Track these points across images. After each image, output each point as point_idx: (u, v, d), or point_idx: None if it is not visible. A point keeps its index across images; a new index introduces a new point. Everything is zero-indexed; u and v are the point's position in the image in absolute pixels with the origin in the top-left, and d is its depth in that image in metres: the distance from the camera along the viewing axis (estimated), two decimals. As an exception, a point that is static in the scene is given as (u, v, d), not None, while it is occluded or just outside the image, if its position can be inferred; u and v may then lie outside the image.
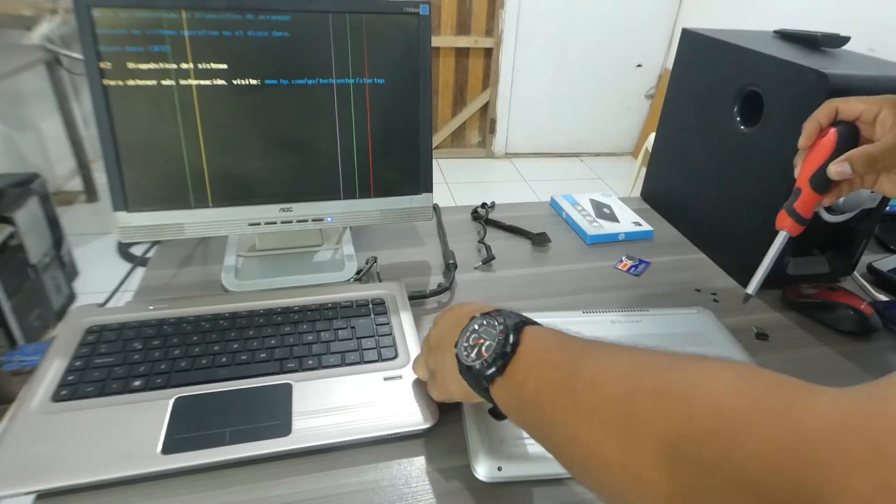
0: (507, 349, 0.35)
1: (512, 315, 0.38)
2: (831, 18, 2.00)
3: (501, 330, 0.36)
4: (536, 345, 0.35)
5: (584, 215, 0.85)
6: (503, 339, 0.36)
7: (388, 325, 0.57)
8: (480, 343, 0.37)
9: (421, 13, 0.60)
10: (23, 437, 0.44)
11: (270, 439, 0.45)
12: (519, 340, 0.36)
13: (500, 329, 0.36)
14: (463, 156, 3.16)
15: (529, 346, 0.35)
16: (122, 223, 0.59)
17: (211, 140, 0.58)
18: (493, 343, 0.36)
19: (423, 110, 0.63)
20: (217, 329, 0.55)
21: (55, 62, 2.08)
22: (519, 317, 0.38)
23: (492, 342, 0.36)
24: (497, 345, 0.36)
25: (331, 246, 0.73)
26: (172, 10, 0.54)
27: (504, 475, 0.43)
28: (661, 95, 3.01)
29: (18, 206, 1.48)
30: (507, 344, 0.35)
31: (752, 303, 0.69)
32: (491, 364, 0.35)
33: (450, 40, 2.83)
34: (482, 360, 0.36)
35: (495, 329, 0.37)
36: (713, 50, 0.76)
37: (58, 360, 0.51)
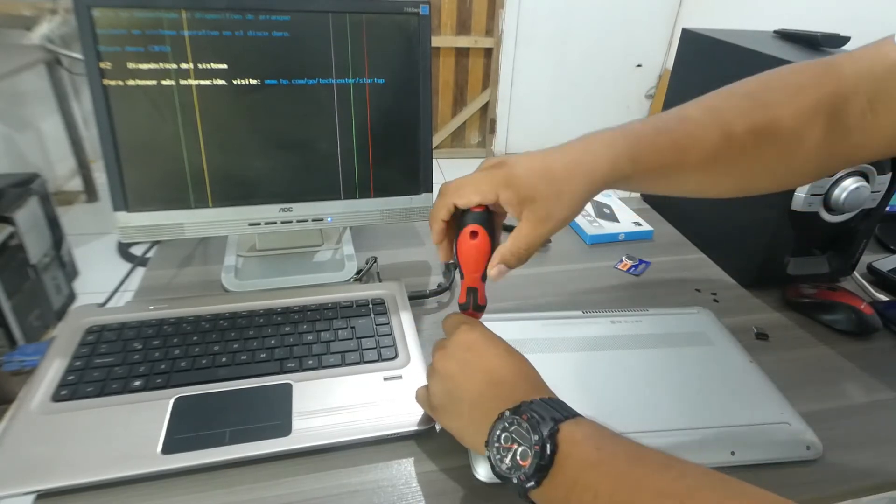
0: (544, 462, 0.33)
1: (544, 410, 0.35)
2: (831, 18, 2.00)
3: (537, 441, 0.34)
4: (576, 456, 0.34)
5: (583, 215, 0.85)
6: (540, 452, 0.34)
7: (388, 325, 0.57)
8: (514, 448, 0.35)
9: (421, 13, 0.60)
10: (23, 437, 0.44)
11: (270, 439, 0.45)
12: (556, 449, 0.34)
13: (536, 440, 0.34)
14: (463, 156, 3.16)
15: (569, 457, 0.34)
16: (122, 223, 0.59)
17: (211, 140, 0.58)
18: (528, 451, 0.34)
19: (423, 110, 0.63)
20: (217, 329, 0.55)
21: (55, 62, 2.08)
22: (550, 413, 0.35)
23: (527, 450, 0.34)
24: (534, 457, 0.34)
25: (331, 246, 0.73)
26: (172, 10, 0.54)
27: (504, 475, 0.43)
28: (661, 95, 3.01)
29: (18, 206, 1.48)
30: (545, 456, 0.33)
31: (751, 302, 0.69)
32: (530, 478, 0.34)
33: (450, 40, 2.83)
34: (521, 473, 0.34)
35: (530, 436, 0.34)
36: (713, 50, 0.76)
37: (58, 360, 0.51)
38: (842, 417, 0.52)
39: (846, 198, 0.63)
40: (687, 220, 0.84)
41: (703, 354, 0.57)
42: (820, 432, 0.49)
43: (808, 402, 0.53)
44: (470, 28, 2.84)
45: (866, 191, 0.63)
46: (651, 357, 0.56)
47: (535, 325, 0.59)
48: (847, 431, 0.51)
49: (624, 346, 0.57)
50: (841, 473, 0.45)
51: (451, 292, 0.68)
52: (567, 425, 0.35)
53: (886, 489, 0.47)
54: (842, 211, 0.65)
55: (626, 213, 0.86)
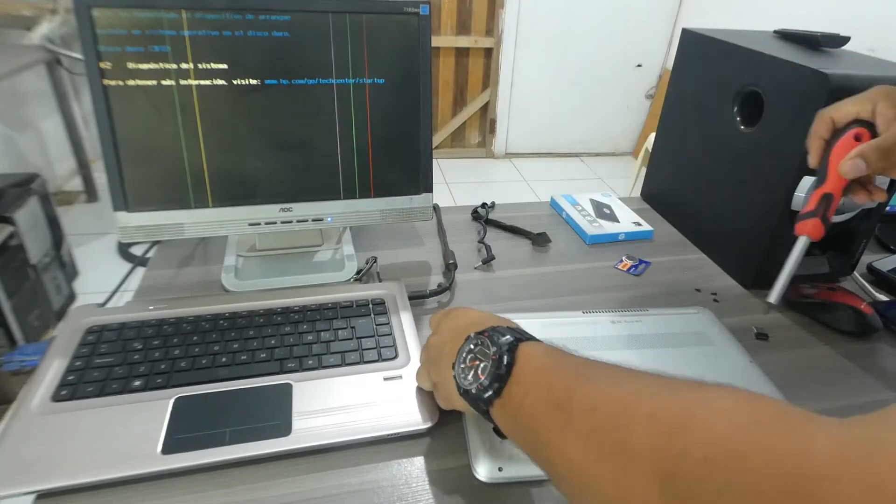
0: (501, 371, 0.35)
1: (506, 332, 0.37)
2: (831, 18, 2.00)
3: (495, 352, 0.36)
4: (532, 366, 0.35)
5: (584, 215, 0.85)
6: (497, 361, 0.35)
7: (388, 325, 0.57)
8: (476, 364, 0.37)
9: (421, 13, 0.60)
10: (23, 437, 0.44)
11: (270, 439, 0.45)
12: (514, 361, 0.35)
13: (494, 351, 0.36)
14: (463, 156, 3.16)
15: (524, 368, 0.35)
16: (122, 223, 0.59)
17: (211, 140, 0.58)
18: (488, 364, 0.36)
19: (423, 110, 0.63)
20: (217, 329, 0.55)
21: (55, 62, 2.08)
22: (513, 334, 0.37)
23: (487, 363, 0.36)
24: (492, 366, 0.35)
25: (331, 246, 0.73)
26: (172, 10, 0.54)
27: (504, 476, 0.44)
28: (661, 95, 3.01)
29: (18, 206, 1.48)
30: (502, 366, 0.35)
31: (751, 302, 0.69)
32: (487, 388, 0.35)
33: (450, 40, 2.83)
34: (478, 383, 0.36)
35: (489, 350, 0.36)
36: (713, 50, 0.76)
37: (58, 360, 0.51)
38: (842, 417, 0.52)
39: (845, 199, 0.63)
40: (687, 220, 0.84)
41: (703, 354, 0.57)
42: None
43: (808, 402, 0.53)
44: (470, 28, 2.84)
45: (866, 191, 0.63)
46: (651, 357, 0.56)
47: (536, 325, 0.59)
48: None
49: (624, 346, 0.57)
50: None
51: (451, 292, 0.68)
52: (526, 344, 0.36)
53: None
54: (842, 211, 0.64)
55: (626, 213, 0.86)
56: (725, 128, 0.73)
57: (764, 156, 0.67)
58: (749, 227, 0.70)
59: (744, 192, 0.71)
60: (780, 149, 0.64)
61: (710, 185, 0.78)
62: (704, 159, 0.78)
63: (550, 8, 2.80)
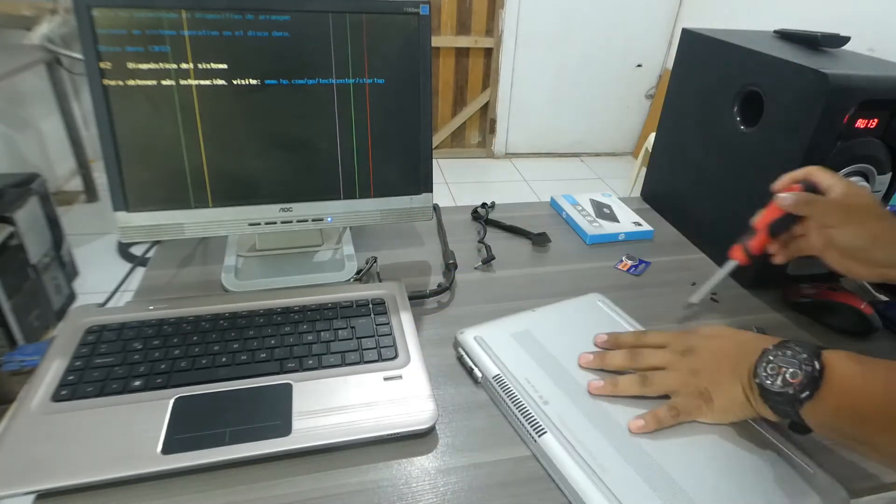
0: (815, 374, 0.40)
1: (800, 345, 0.43)
2: (831, 18, 2.00)
3: (805, 359, 0.41)
4: (840, 370, 0.40)
5: (584, 215, 0.85)
6: (809, 367, 0.40)
7: (388, 325, 0.57)
8: (783, 371, 0.42)
9: (421, 13, 0.60)
10: (23, 437, 0.44)
11: (270, 439, 0.45)
12: (824, 365, 0.40)
13: (804, 358, 0.41)
14: (463, 156, 3.16)
15: (835, 371, 0.40)
16: (122, 223, 0.59)
17: (211, 140, 0.58)
18: (797, 371, 0.41)
19: (423, 110, 0.63)
20: (217, 329, 0.55)
21: (55, 62, 2.08)
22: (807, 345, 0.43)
23: (797, 370, 0.41)
24: (805, 372, 0.41)
25: (331, 246, 0.73)
26: (172, 10, 0.54)
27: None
28: (661, 95, 3.01)
29: (18, 206, 1.48)
30: (815, 370, 0.40)
31: (751, 302, 0.69)
32: (804, 388, 0.40)
33: (450, 40, 2.83)
34: (792, 385, 0.41)
35: (797, 358, 0.42)
36: (713, 50, 0.76)
37: (58, 360, 0.51)
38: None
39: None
40: (687, 220, 0.84)
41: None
42: (820, 432, 0.49)
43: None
44: (470, 28, 2.84)
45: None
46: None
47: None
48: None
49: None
50: (841, 474, 0.45)
51: (450, 292, 0.68)
52: (829, 352, 0.41)
53: (886, 489, 0.47)
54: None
55: (626, 213, 0.86)
56: (725, 128, 0.73)
57: (764, 156, 0.67)
58: (749, 227, 0.70)
59: (744, 192, 0.71)
60: (780, 149, 0.64)
61: (710, 185, 0.78)
62: (704, 159, 0.78)
63: (550, 8, 2.80)
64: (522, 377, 0.51)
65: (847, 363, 0.40)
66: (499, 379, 0.51)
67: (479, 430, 0.50)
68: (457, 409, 0.51)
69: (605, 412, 0.49)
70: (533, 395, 0.49)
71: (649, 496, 0.42)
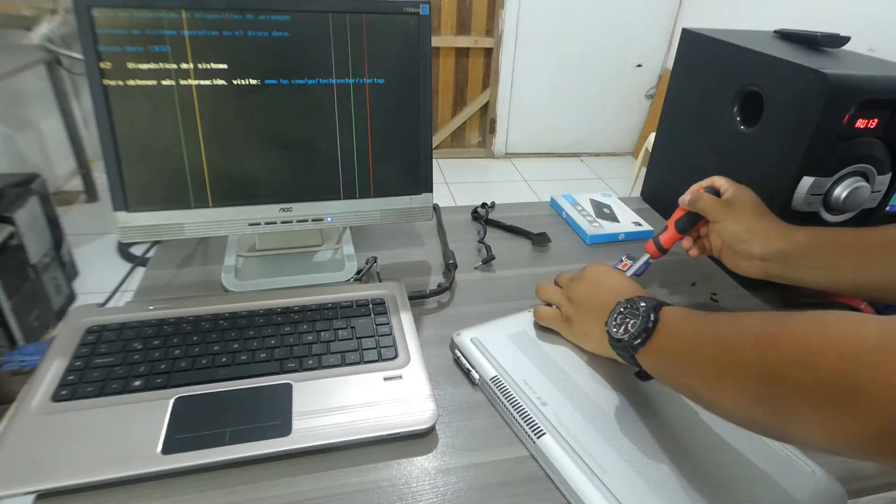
0: (649, 325, 0.45)
1: (650, 299, 0.47)
2: (831, 18, 2.00)
3: (644, 310, 0.46)
4: (671, 319, 0.45)
5: (584, 215, 0.85)
6: (646, 318, 0.45)
7: (388, 325, 0.57)
8: (627, 322, 0.47)
9: (421, 13, 0.60)
10: (23, 437, 0.44)
11: (270, 439, 0.45)
12: (658, 318, 0.45)
13: (644, 309, 0.46)
14: (463, 156, 3.16)
15: (666, 322, 0.45)
16: (122, 223, 0.59)
17: (211, 140, 0.58)
18: (637, 321, 0.46)
19: (423, 110, 0.63)
20: (217, 329, 0.55)
21: (55, 62, 2.08)
22: (655, 301, 0.47)
23: (636, 321, 0.46)
24: (641, 322, 0.45)
25: (331, 246, 0.73)
26: (172, 10, 0.54)
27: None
28: (661, 95, 3.01)
29: (18, 206, 1.48)
30: (650, 321, 0.45)
31: (751, 303, 0.69)
32: (637, 336, 0.45)
33: (450, 40, 2.83)
34: (630, 334, 0.46)
35: (639, 310, 0.46)
36: (713, 50, 0.76)
37: (58, 360, 0.51)
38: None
39: (846, 198, 0.63)
40: (687, 220, 0.84)
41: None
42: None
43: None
44: (470, 28, 2.84)
45: (866, 191, 0.63)
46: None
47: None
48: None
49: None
50: (840, 474, 0.45)
51: (450, 292, 0.68)
52: (667, 307, 0.46)
53: (885, 489, 0.47)
54: (842, 211, 0.65)
55: (626, 213, 0.86)
56: (725, 128, 0.73)
57: (764, 156, 0.67)
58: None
59: (744, 192, 0.71)
60: (780, 149, 0.64)
61: (710, 185, 0.78)
62: (704, 159, 0.78)
63: (550, 8, 2.80)
64: (520, 378, 0.51)
65: (677, 314, 0.45)
66: (496, 381, 0.51)
67: (479, 429, 0.50)
68: (457, 409, 0.51)
69: (604, 412, 0.49)
70: (531, 397, 0.49)
71: (649, 496, 0.42)
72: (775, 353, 0.35)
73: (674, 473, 0.43)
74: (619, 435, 0.46)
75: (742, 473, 0.44)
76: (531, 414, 0.48)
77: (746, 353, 0.37)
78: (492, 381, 0.52)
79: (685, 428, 0.48)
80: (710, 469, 0.44)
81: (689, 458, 0.45)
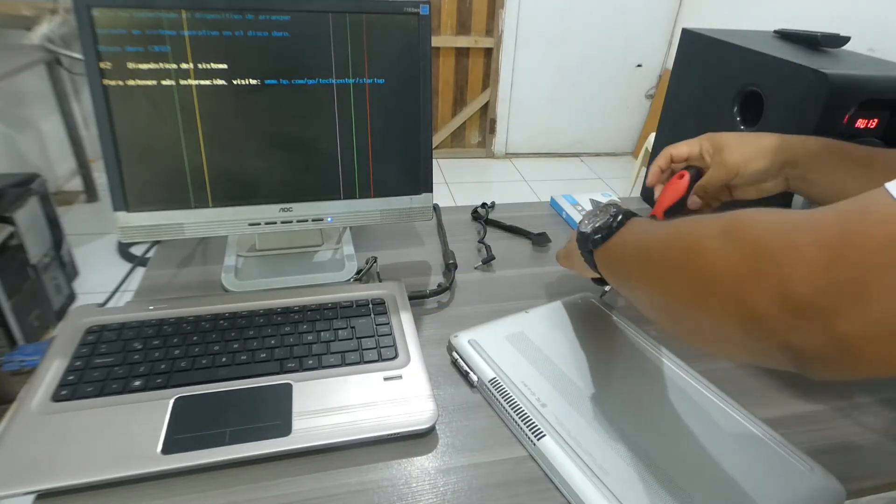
0: (612, 226, 0.47)
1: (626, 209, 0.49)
2: (831, 18, 2.00)
3: (614, 213, 0.48)
4: (633, 227, 0.46)
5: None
6: (613, 218, 0.47)
7: (388, 325, 0.57)
8: (596, 220, 0.49)
9: (421, 13, 0.60)
10: (23, 437, 0.44)
11: (270, 439, 0.45)
12: (623, 223, 0.47)
13: (614, 212, 0.48)
14: (463, 156, 3.16)
15: (628, 227, 0.46)
16: (122, 223, 0.59)
17: (211, 140, 0.58)
18: (604, 220, 0.48)
19: (423, 110, 0.63)
20: (217, 329, 0.55)
21: (55, 62, 2.08)
22: (631, 211, 0.48)
23: (604, 220, 0.48)
24: (607, 220, 0.47)
25: (331, 246, 0.73)
26: (172, 10, 0.54)
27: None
28: (661, 95, 3.01)
29: (18, 206, 1.48)
30: (615, 222, 0.47)
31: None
32: (597, 231, 0.47)
33: (450, 40, 2.83)
34: (593, 227, 0.48)
35: (609, 212, 0.48)
36: (713, 50, 0.76)
37: (58, 360, 0.51)
38: (840, 418, 0.52)
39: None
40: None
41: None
42: (818, 433, 0.49)
43: (807, 402, 0.53)
44: (470, 28, 2.84)
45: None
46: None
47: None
48: (845, 432, 0.51)
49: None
50: (839, 474, 0.45)
51: (450, 292, 0.68)
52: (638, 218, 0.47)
53: (885, 489, 0.47)
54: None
55: (626, 213, 0.86)
56: (725, 128, 0.73)
57: (764, 156, 0.67)
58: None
59: (744, 192, 0.71)
60: (780, 149, 0.64)
61: (710, 185, 0.78)
62: (704, 159, 0.78)
63: (550, 8, 2.80)
64: (519, 380, 0.51)
65: (641, 220, 0.47)
66: (495, 383, 0.51)
67: (478, 430, 0.50)
68: (457, 409, 0.51)
69: (604, 413, 0.49)
70: (530, 398, 0.49)
71: (650, 497, 0.42)
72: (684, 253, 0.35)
73: (674, 473, 0.43)
74: (618, 435, 0.46)
75: (741, 472, 0.44)
76: (531, 416, 0.48)
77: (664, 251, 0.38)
78: (490, 383, 0.52)
79: (684, 428, 0.48)
80: (710, 468, 0.44)
81: (689, 458, 0.45)
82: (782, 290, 0.28)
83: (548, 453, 0.45)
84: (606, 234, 0.47)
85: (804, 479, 0.44)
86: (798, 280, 0.27)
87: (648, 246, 0.41)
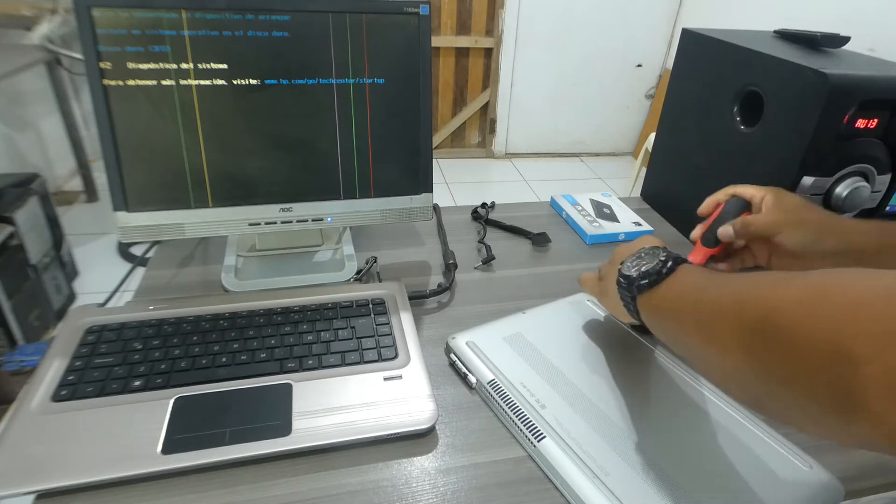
0: (663, 271, 0.44)
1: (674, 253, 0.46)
2: (831, 18, 2.00)
3: (664, 257, 0.45)
4: (683, 275, 0.43)
5: (584, 215, 0.85)
6: (663, 263, 0.44)
7: (388, 325, 0.57)
8: (642, 263, 0.46)
9: (421, 13, 0.60)
10: (23, 437, 0.44)
11: (270, 439, 0.45)
12: (674, 270, 0.44)
13: (664, 256, 0.45)
14: (463, 156, 3.15)
15: (678, 275, 0.43)
16: (122, 223, 0.59)
17: (211, 140, 0.58)
18: (652, 265, 0.45)
19: (423, 110, 0.63)
20: (217, 329, 0.55)
21: (55, 62, 2.08)
22: (680, 256, 0.46)
23: (651, 264, 0.45)
24: (656, 265, 0.44)
25: (331, 246, 0.73)
26: (172, 10, 0.54)
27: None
28: (661, 95, 3.01)
29: (18, 206, 1.48)
30: (665, 267, 0.44)
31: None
32: (645, 276, 0.44)
33: (450, 40, 2.83)
34: (640, 273, 0.45)
35: (658, 255, 0.45)
36: (713, 50, 0.76)
37: (58, 360, 0.51)
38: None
39: (846, 197, 0.63)
40: (687, 220, 0.84)
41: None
42: (820, 432, 0.49)
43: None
44: (470, 28, 2.84)
45: (866, 191, 0.63)
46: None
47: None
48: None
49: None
50: (840, 474, 0.45)
51: (450, 292, 0.68)
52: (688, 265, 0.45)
53: (884, 489, 0.47)
54: (842, 210, 0.65)
55: (626, 213, 0.86)
56: (725, 128, 0.73)
57: (764, 156, 0.67)
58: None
59: (744, 192, 0.71)
60: (780, 149, 0.64)
61: (710, 185, 0.77)
62: (704, 159, 0.78)
63: (550, 8, 2.80)
64: (518, 381, 0.51)
65: (694, 269, 0.44)
66: (494, 384, 0.51)
67: (478, 430, 0.50)
68: (457, 409, 0.51)
69: (604, 414, 0.49)
70: (529, 400, 0.49)
71: (651, 497, 0.42)
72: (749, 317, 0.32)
73: (674, 473, 0.43)
74: (619, 436, 0.46)
75: (741, 470, 0.44)
76: (530, 417, 0.48)
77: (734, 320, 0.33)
78: (489, 384, 0.51)
79: (684, 427, 0.48)
80: (710, 466, 0.44)
81: (689, 458, 0.45)
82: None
83: (548, 455, 0.45)
84: (655, 280, 0.43)
85: (804, 477, 0.44)
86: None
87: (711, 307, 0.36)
